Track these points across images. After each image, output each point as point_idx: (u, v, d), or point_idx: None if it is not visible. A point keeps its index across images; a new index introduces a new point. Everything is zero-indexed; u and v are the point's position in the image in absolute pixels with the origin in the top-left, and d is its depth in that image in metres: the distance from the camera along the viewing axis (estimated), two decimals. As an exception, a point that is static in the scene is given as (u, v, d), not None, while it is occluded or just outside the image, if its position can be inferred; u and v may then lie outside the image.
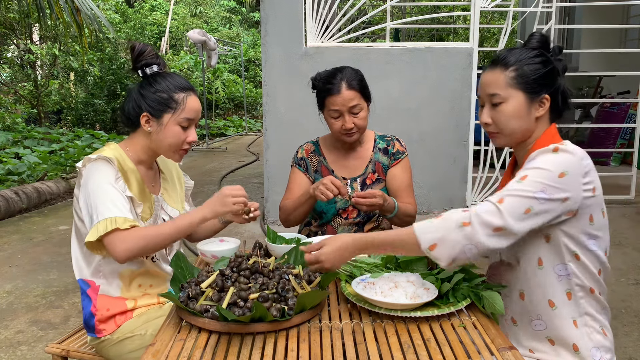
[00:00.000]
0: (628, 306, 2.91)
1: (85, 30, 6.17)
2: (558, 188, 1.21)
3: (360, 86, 1.88)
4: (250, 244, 1.69)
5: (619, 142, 6.52)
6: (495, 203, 1.22)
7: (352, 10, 4.34)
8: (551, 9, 4.20)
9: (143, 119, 1.56)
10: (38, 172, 6.26)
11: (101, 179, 1.47)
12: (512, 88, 1.32)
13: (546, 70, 1.32)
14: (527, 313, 1.35)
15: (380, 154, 2.03)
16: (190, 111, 1.57)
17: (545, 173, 1.22)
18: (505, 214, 1.20)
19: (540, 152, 1.27)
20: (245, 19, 19.23)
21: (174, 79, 1.58)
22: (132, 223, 1.43)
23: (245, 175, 7.16)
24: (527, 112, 1.33)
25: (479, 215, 1.21)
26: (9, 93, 10.90)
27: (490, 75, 1.36)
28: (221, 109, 14.41)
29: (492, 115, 1.36)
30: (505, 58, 1.34)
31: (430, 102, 4.37)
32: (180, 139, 1.58)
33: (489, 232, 1.20)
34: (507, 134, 1.37)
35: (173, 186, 1.78)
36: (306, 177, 2.06)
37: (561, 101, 1.36)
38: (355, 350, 1.10)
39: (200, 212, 1.51)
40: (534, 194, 1.21)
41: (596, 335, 1.31)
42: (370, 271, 1.42)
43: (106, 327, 1.57)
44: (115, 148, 1.60)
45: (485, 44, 12.21)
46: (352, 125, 1.88)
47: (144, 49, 1.59)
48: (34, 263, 3.85)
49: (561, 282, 1.30)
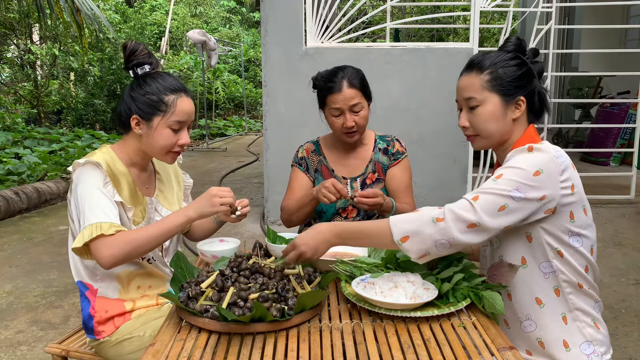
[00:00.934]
0: (628, 306, 2.91)
1: (85, 30, 6.16)
2: (533, 186, 1.22)
3: (361, 85, 1.89)
4: (250, 244, 1.69)
5: (619, 142, 6.52)
6: (470, 200, 1.23)
7: (352, 10, 4.34)
8: (551, 9, 4.20)
9: (133, 121, 1.53)
10: (38, 172, 6.26)
11: (89, 184, 1.46)
12: (487, 91, 1.35)
13: (521, 72, 1.35)
14: (517, 314, 1.36)
15: (380, 154, 2.03)
16: (181, 114, 1.53)
17: (520, 172, 1.23)
18: (480, 210, 1.21)
19: (516, 151, 1.30)
20: (245, 19, 19.23)
21: (164, 80, 1.54)
22: (118, 228, 1.40)
23: (245, 175, 7.16)
24: (504, 115, 1.35)
25: (452, 211, 1.22)
26: (9, 93, 10.89)
27: (466, 79, 1.39)
28: (221, 109, 14.41)
29: (470, 118, 1.39)
30: (481, 62, 1.37)
31: (430, 102, 4.37)
32: (171, 142, 1.54)
33: (463, 228, 1.22)
34: (484, 137, 1.39)
35: (170, 187, 1.76)
36: (307, 176, 2.06)
37: (538, 103, 1.38)
38: (355, 350, 1.10)
39: (184, 213, 1.46)
40: (508, 192, 1.22)
41: (588, 329, 1.32)
42: (370, 271, 1.42)
43: (105, 329, 1.57)
44: (106, 151, 1.58)
45: (485, 44, 12.20)
46: (353, 124, 1.88)
47: (135, 48, 1.55)
48: (34, 263, 3.85)
49: (548, 279, 1.31)
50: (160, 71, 1.59)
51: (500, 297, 1.24)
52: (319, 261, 1.52)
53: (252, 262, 1.36)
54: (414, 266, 1.43)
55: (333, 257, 1.55)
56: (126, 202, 1.53)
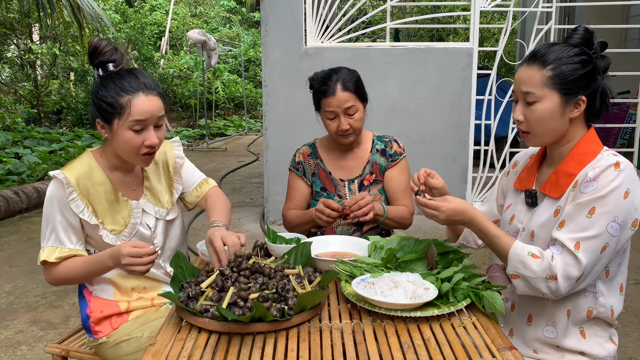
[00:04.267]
0: (628, 306, 2.91)
1: (85, 30, 6.16)
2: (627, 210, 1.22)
3: (355, 87, 1.87)
4: (250, 244, 1.69)
5: (619, 142, 6.52)
6: (573, 251, 1.22)
7: (352, 10, 4.34)
8: (551, 9, 4.19)
9: (98, 125, 1.50)
10: (38, 172, 6.26)
11: (50, 202, 1.51)
12: (547, 88, 1.27)
13: (585, 71, 1.26)
14: (545, 316, 1.37)
15: (378, 155, 2.02)
16: (139, 113, 1.43)
17: (612, 198, 1.21)
18: (584, 261, 1.21)
19: (601, 171, 1.24)
20: (245, 19, 19.22)
21: (120, 80, 1.45)
22: (61, 255, 1.49)
23: (245, 175, 7.16)
24: (561, 114, 1.28)
25: (563, 270, 1.22)
26: (9, 93, 10.90)
27: (527, 71, 1.30)
28: (221, 109, 14.41)
29: (525, 113, 1.32)
30: (544, 55, 1.28)
31: (430, 102, 4.37)
32: (136, 144, 1.46)
33: (571, 284, 1.23)
34: (537, 135, 1.33)
35: (159, 180, 1.69)
36: (304, 182, 2.05)
37: (599, 102, 1.31)
38: (355, 350, 1.10)
39: (106, 263, 1.43)
40: (606, 229, 1.21)
41: (605, 344, 1.36)
42: (370, 271, 1.42)
43: (102, 329, 1.57)
44: (85, 160, 1.55)
45: (485, 44, 12.21)
46: (348, 127, 1.87)
47: (97, 45, 1.46)
48: (34, 263, 3.85)
49: (587, 297, 1.32)
50: (122, 69, 1.49)
51: (500, 297, 1.24)
52: (319, 261, 1.52)
53: (252, 262, 1.36)
54: (414, 266, 1.44)
55: (333, 257, 1.55)
56: (100, 215, 1.52)
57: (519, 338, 1.43)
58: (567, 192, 1.29)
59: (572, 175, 1.29)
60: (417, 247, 1.47)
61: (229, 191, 6.00)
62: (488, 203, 1.62)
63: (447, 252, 1.42)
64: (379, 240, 1.56)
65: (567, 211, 1.26)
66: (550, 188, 1.33)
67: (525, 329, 1.41)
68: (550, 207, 1.33)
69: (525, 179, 1.43)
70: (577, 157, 1.30)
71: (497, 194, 1.59)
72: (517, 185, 1.46)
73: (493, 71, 4.34)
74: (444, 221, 1.37)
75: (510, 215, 1.46)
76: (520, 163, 1.53)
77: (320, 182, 2.02)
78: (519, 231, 1.41)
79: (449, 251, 1.42)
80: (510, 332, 1.46)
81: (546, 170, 1.40)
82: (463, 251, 1.45)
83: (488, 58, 12.32)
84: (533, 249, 1.27)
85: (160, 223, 1.66)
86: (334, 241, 1.72)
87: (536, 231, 1.34)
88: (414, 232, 1.94)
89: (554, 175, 1.33)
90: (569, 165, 1.31)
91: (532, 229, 1.36)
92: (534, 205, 1.38)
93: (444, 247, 1.43)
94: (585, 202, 1.23)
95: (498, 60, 4.31)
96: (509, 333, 1.46)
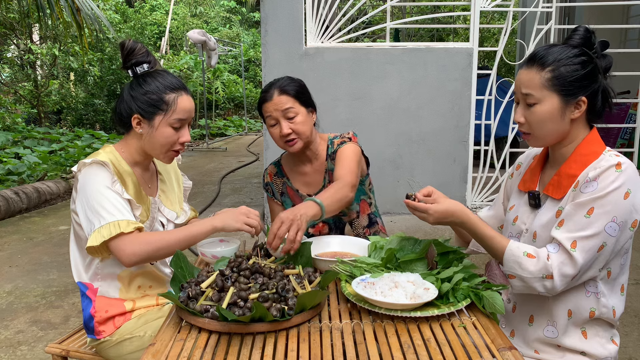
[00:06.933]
0: (628, 306, 2.91)
1: (85, 30, 6.16)
2: (628, 211, 1.22)
3: (295, 91, 1.81)
4: (250, 244, 1.69)
5: (619, 142, 6.52)
6: (569, 250, 1.23)
7: (352, 10, 4.34)
8: (551, 9, 4.19)
9: (134, 120, 1.54)
10: (38, 172, 6.27)
11: (98, 183, 1.46)
12: (547, 90, 1.27)
13: (585, 71, 1.26)
14: (546, 315, 1.37)
15: (329, 161, 1.91)
16: (182, 112, 1.54)
17: (612, 198, 1.21)
18: (579, 260, 1.22)
19: (602, 171, 1.23)
20: (245, 19, 19.23)
21: (164, 78, 1.54)
22: (136, 225, 1.43)
23: (245, 175, 7.16)
24: (562, 115, 1.28)
25: (559, 269, 1.23)
26: (9, 93, 10.90)
27: (526, 73, 1.30)
28: (221, 109, 14.42)
29: (526, 114, 1.32)
30: (543, 57, 1.28)
31: (430, 102, 4.37)
32: (173, 140, 1.55)
33: (566, 282, 1.24)
34: (538, 136, 1.33)
35: (171, 187, 1.76)
36: (275, 202, 2.03)
37: (601, 102, 1.30)
38: (355, 350, 1.10)
39: (211, 222, 1.51)
40: (604, 228, 1.21)
41: (606, 344, 1.35)
42: (370, 271, 1.42)
43: (105, 329, 1.57)
44: (110, 151, 1.58)
45: (485, 44, 12.21)
46: (289, 131, 1.79)
47: (133, 47, 1.54)
48: (34, 263, 3.85)
49: (589, 298, 1.32)
50: (159, 69, 1.58)
51: (500, 297, 1.25)
52: (319, 261, 1.52)
53: (252, 262, 1.36)
54: (414, 266, 1.44)
55: (333, 257, 1.55)
56: (134, 201, 1.54)
57: (520, 339, 1.43)
58: (568, 192, 1.29)
59: (574, 177, 1.29)
60: (417, 247, 1.47)
61: (229, 191, 6.00)
62: (495, 208, 1.62)
63: (447, 252, 1.42)
64: (379, 241, 1.56)
65: (566, 211, 1.26)
66: (553, 189, 1.33)
67: (526, 329, 1.41)
68: (553, 208, 1.33)
69: (529, 181, 1.43)
70: (579, 158, 1.30)
71: (503, 198, 1.60)
72: (521, 186, 1.46)
73: (493, 71, 4.34)
74: (434, 223, 1.37)
75: (513, 216, 1.46)
76: (524, 164, 1.53)
77: (291, 201, 1.98)
78: (522, 232, 1.41)
79: (449, 251, 1.42)
80: (512, 332, 1.46)
81: (549, 171, 1.40)
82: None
83: (488, 58, 12.31)
84: (529, 248, 1.28)
85: (170, 225, 1.71)
86: (334, 241, 1.73)
87: (538, 232, 1.35)
88: (414, 232, 1.93)
89: (557, 177, 1.33)
90: (571, 166, 1.31)
91: (534, 230, 1.36)
92: (537, 207, 1.39)
93: (444, 247, 1.43)
94: (584, 202, 1.23)
95: (498, 60, 4.31)
96: (511, 334, 1.46)
